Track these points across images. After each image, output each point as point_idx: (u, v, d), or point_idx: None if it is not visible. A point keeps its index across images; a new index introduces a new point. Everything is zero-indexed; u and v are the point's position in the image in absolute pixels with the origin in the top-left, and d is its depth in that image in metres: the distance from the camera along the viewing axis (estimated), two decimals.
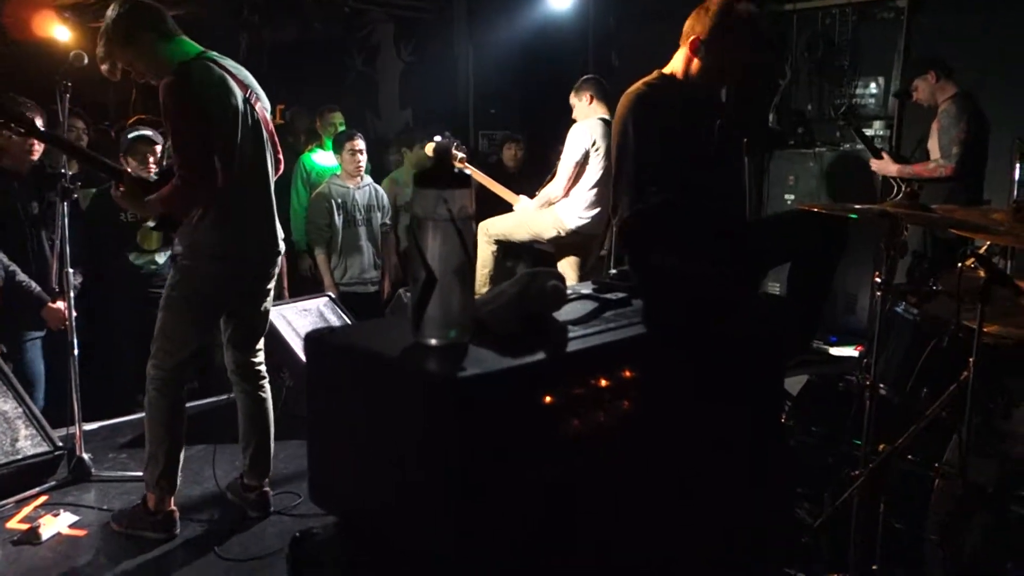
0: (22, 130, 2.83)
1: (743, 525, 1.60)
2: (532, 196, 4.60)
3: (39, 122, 3.27)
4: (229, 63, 2.79)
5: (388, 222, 5.13)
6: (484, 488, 1.09)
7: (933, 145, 4.56)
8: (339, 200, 4.86)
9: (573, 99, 4.50)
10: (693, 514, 1.47)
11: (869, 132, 5.58)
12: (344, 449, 1.25)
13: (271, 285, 3.01)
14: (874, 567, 2.29)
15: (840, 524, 2.39)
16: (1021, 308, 2.48)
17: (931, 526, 2.33)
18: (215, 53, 2.77)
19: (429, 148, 4.66)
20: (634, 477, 1.32)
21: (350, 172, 4.89)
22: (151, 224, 2.84)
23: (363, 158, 4.91)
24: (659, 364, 1.34)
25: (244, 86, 2.78)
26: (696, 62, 2.57)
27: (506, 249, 4.75)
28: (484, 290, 4.38)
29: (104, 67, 2.74)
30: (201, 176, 2.60)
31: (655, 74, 2.66)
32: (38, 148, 3.68)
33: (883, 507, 2.30)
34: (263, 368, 3.07)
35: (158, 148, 3.95)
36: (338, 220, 4.86)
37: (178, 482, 2.91)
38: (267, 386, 3.08)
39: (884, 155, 4.70)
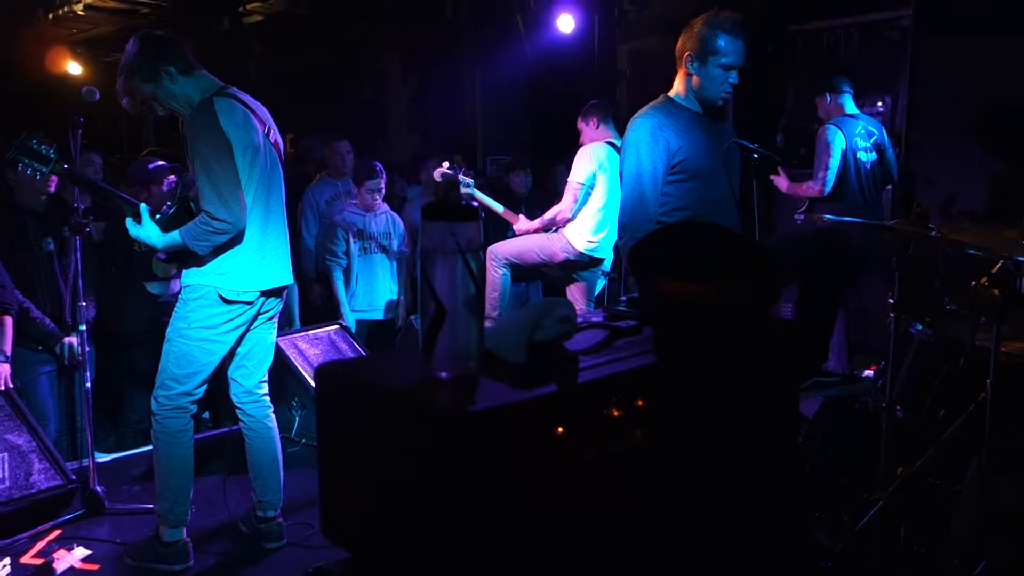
0: (45, 170, 2.84)
1: (758, 552, 1.57)
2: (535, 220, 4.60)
3: None
4: (248, 98, 2.81)
5: (404, 249, 5.14)
6: (499, 521, 1.08)
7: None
8: (355, 228, 4.88)
9: (580, 124, 4.53)
10: (707, 541, 1.45)
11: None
12: (355, 484, 1.24)
13: (276, 318, 3.01)
14: None
15: (861, 549, 2.36)
16: None
17: (954, 550, 2.29)
18: (235, 88, 2.79)
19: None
20: (648, 506, 1.30)
21: (367, 205, 4.92)
22: (162, 256, 2.84)
23: (381, 194, 4.94)
24: (671, 392, 1.33)
25: (262, 121, 2.81)
26: (695, 79, 2.60)
27: (517, 274, 4.74)
28: (495, 314, 4.41)
29: (124, 101, 2.76)
30: (227, 211, 2.60)
31: (660, 98, 2.69)
32: (53, 182, 3.71)
33: (904, 531, 2.26)
34: (267, 398, 3.06)
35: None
36: (354, 247, 4.88)
37: (190, 513, 2.89)
38: (273, 416, 3.07)
39: (780, 171, 4.72)
